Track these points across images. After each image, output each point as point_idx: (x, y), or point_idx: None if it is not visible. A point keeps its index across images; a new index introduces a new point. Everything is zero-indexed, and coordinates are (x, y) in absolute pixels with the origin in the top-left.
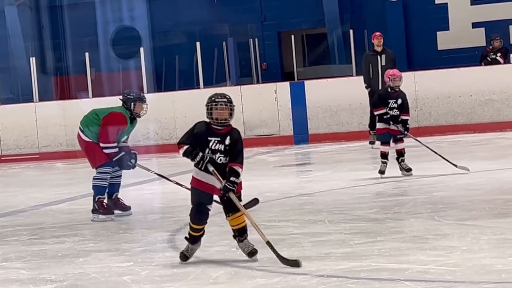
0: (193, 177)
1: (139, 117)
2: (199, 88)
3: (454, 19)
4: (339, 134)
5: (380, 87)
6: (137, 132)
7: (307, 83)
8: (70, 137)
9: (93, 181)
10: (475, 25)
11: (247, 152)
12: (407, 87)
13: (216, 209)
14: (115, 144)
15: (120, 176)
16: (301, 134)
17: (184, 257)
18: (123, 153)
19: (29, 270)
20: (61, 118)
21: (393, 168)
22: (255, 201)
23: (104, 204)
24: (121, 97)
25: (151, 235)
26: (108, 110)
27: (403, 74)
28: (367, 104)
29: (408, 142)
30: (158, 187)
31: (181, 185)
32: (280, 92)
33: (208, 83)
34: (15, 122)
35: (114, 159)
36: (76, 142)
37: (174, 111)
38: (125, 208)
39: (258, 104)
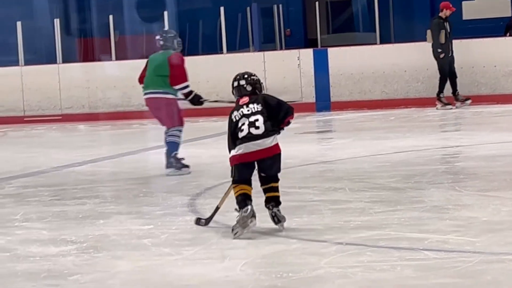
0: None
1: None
2: (222, 53)
3: None
4: (361, 102)
5: (450, 53)
6: None
7: (331, 50)
8: (92, 99)
9: (168, 137)
10: None
11: None
12: (432, 56)
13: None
14: (189, 82)
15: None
16: (323, 102)
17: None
18: (195, 91)
19: (49, 230)
20: (84, 80)
21: (414, 137)
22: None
23: (180, 158)
24: (159, 37)
25: (171, 199)
26: (163, 57)
27: (429, 44)
28: (389, 73)
29: (431, 111)
30: (180, 151)
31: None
32: (303, 58)
33: (231, 48)
34: (38, 83)
35: (189, 98)
36: (99, 104)
37: (197, 75)
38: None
39: (281, 71)
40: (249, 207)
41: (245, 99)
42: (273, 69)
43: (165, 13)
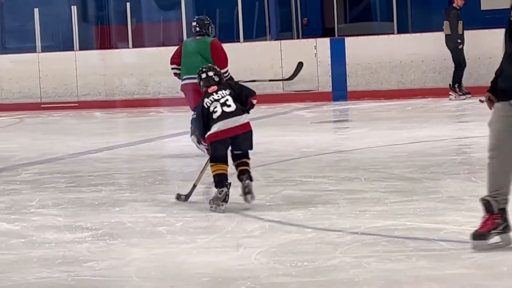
0: None
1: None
2: (239, 41)
3: None
4: (378, 92)
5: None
6: (176, 83)
7: (348, 39)
8: (109, 86)
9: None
10: None
11: (285, 107)
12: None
13: (251, 163)
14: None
15: None
16: (340, 91)
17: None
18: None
19: (65, 217)
20: (101, 68)
21: (431, 127)
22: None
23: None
24: (195, 23)
25: (187, 187)
26: (204, 42)
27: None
28: (407, 62)
29: (448, 102)
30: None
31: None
32: (320, 48)
33: (248, 37)
34: (55, 70)
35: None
36: (115, 91)
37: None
38: None
39: (298, 60)
40: (224, 190)
41: (214, 87)
42: (290, 58)
43: (182, 1)
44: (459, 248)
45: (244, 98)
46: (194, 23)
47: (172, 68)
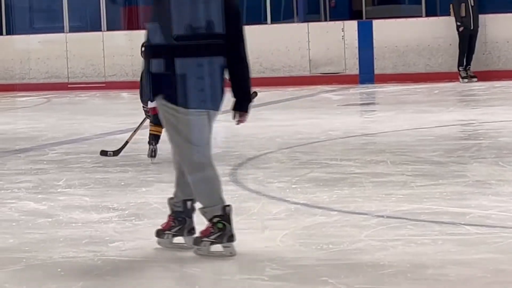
0: None
1: None
2: (266, 23)
3: None
4: (405, 75)
5: (472, 26)
6: None
7: (375, 22)
8: (136, 67)
9: None
10: None
11: (311, 89)
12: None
13: (277, 145)
14: None
15: None
16: (367, 74)
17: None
18: None
19: (92, 197)
20: (128, 48)
21: (458, 111)
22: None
23: None
24: None
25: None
26: None
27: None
28: (434, 46)
29: (475, 86)
30: (222, 121)
31: None
32: (347, 30)
33: (275, 19)
34: (83, 50)
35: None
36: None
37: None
38: None
39: (325, 42)
40: (151, 147)
41: None
42: (317, 41)
43: None
44: (485, 233)
45: None
46: None
47: None
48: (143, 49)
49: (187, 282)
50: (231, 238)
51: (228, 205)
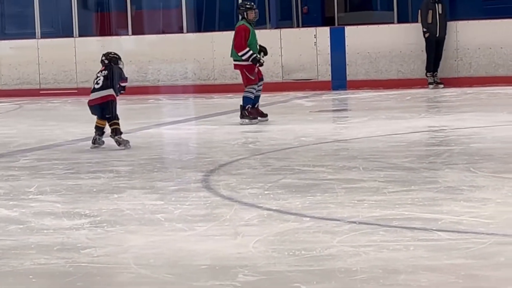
0: None
1: (253, 22)
2: None
3: None
4: (377, 82)
5: (438, 33)
6: (175, 71)
7: (348, 28)
8: None
9: (244, 93)
10: None
11: (284, 96)
12: (449, 37)
13: (250, 151)
14: (247, 48)
15: (261, 90)
16: (339, 80)
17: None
18: (255, 54)
19: (63, 204)
20: (100, 54)
21: (430, 117)
22: None
23: (251, 111)
24: (239, 8)
25: (185, 175)
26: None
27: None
28: (406, 52)
29: (446, 92)
30: (194, 127)
31: None
32: (320, 37)
33: None
34: (55, 56)
35: (250, 59)
36: None
37: (213, 51)
38: (263, 115)
39: (297, 48)
40: (96, 137)
41: (103, 67)
42: (290, 47)
43: None
44: (456, 238)
45: (117, 80)
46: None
47: None
48: (103, 57)
49: None
50: None
51: None
